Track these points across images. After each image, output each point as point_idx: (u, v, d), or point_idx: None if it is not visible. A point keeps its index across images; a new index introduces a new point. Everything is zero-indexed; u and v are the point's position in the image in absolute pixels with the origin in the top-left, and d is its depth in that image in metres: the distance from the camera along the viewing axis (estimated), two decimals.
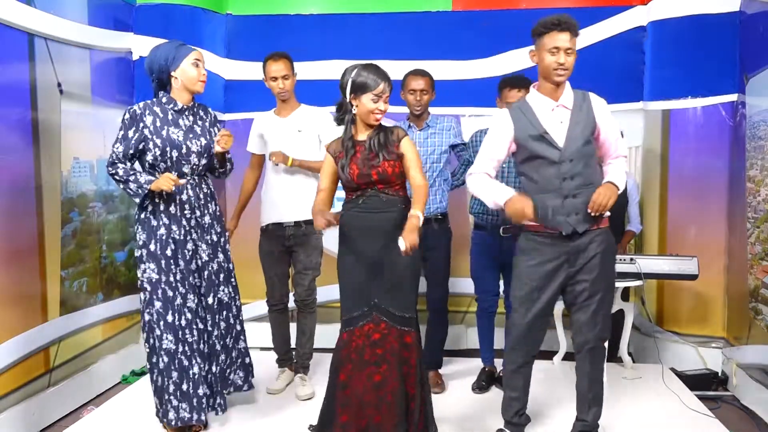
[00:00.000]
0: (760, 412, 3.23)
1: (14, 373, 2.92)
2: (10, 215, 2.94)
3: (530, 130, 2.51)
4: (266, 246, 3.39)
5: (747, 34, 3.62)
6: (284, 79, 3.26)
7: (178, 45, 2.80)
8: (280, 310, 3.47)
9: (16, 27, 2.96)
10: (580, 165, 2.48)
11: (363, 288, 2.62)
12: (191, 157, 2.79)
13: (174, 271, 2.76)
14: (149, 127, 2.74)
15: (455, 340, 4.39)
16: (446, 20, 4.30)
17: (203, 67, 2.81)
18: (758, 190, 3.36)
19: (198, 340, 2.80)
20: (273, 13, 4.40)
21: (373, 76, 2.54)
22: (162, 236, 2.75)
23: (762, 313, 3.29)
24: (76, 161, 3.46)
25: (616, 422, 3.01)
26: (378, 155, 2.58)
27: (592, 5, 4.21)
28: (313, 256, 3.36)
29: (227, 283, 2.96)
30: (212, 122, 2.94)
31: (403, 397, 2.58)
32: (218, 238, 2.93)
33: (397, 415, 2.56)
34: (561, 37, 2.40)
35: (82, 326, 3.46)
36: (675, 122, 3.96)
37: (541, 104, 2.53)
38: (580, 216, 2.49)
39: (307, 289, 3.38)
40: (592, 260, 2.52)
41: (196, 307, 2.82)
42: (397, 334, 2.59)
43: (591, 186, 2.49)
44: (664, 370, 3.62)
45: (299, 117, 3.34)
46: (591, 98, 2.55)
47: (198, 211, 2.84)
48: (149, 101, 2.81)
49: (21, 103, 3.04)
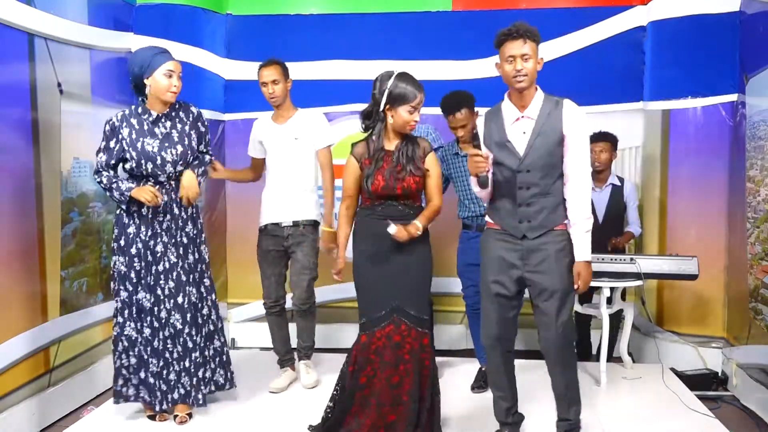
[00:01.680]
0: (760, 412, 3.23)
1: (14, 373, 2.92)
2: (10, 215, 2.94)
3: (495, 137, 2.56)
4: (264, 246, 3.40)
5: (747, 34, 3.62)
6: (274, 84, 3.27)
7: (155, 53, 2.83)
8: (278, 312, 3.46)
9: (16, 27, 2.96)
10: (537, 176, 2.50)
11: (382, 291, 2.65)
12: (166, 167, 2.86)
13: (137, 269, 2.87)
14: (126, 139, 2.85)
15: (455, 341, 4.40)
16: (446, 20, 4.30)
17: (177, 77, 2.83)
18: (758, 190, 3.36)
19: (152, 336, 2.89)
20: (273, 13, 4.40)
21: (411, 88, 2.58)
22: (130, 234, 2.87)
23: (762, 313, 3.29)
24: (76, 161, 3.46)
25: (616, 422, 3.02)
26: (404, 169, 2.63)
27: (592, 5, 4.21)
28: (310, 257, 3.36)
29: (197, 283, 3.00)
30: (194, 123, 2.97)
31: (417, 398, 2.63)
32: (190, 239, 2.97)
33: (410, 416, 2.60)
34: (514, 45, 2.43)
35: (82, 326, 3.46)
36: (675, 122, 3.96)
37: (509, 112, 2.55)
38: (532, 223, 2.53)
39: (306, 291, 3.36)
40: (544, 262, 2.53)
41: (152, 307, 2.88)
42: (417, 336, 2.64)
43: (548, 196, 2.52)
44: (664, 370, 3.62)
45: (296, 124, 3.36)
46: (564, 106, 2.51)
47: (170, 214, 2.90)
48: (127, 111, 2.90)
49: (21, 103, 3.04)
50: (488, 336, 2.66)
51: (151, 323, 2.89)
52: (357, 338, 2.72)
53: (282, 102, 3.34)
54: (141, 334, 2.90)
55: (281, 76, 3.29)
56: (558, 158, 2.51)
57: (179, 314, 2.90)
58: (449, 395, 3.26)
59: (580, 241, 2.54)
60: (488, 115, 2.61)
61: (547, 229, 2.54)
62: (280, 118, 3.38)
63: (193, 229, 2.99)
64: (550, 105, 2.51)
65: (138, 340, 2.91)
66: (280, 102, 3.33)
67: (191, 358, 2.94)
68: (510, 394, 2.72)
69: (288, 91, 3.36)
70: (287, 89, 3.34)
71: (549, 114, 2.49)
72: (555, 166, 2.52)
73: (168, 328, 2.90)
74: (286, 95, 3.35)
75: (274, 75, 3.27)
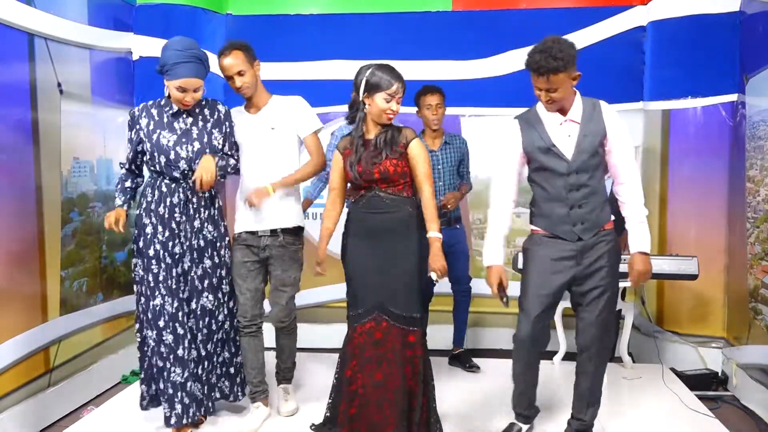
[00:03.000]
0: (760, 412, 3.23)
1: (14, 373, 2.92)
2: (10, 215, 2.93)
3: (538, 142, 2.55)
4: (238, 257, 2.92)
5: (747, 34, 3.62)
6: (239, 75, 2.81)
7: (176, 61, 2.61)
8: (253, 333, 2.95)
9: (16, 27, 2.96)
10: (586, 176, 2.53)
11: (367, 287, 2.64)
12: (180, 163, 2.73)
13: (155, 272, 2.74)
14: (143, 129, 2.75)
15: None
16: (446, 20, 4.30)
17: (191, 94, 2.67)
18: (758, 190, 3.36)
19: (176, 344, 2.75)
20: (273, 13, 4.40)
21: (387, 77, 2.58)
22: (148, 235, 2.75)
23: (762, 313, 3.29)
24: (76, 161, 3.46)
25: (616, 422, 3.02)
26: (381, 153, 2.60)
27: (592, 5, 4.21)
28: (291, 271, 2.95)
29: (213, 290, 2.86)
30: (219, 121, 2.83)
31: (404, 395, 2.60)
32: (208, 243, 2.83)
33: (398, 414, 2.57)
34: (539, 81, 2.43)
35: (82, 326, 3.46)
36: (675, 122, 3.96)
37: (550, 117, 2.55)
38: (586, 225, 2.54)
39: (284, 309, 2.97)
40: (599, 260, 2.55)
41: (176, 312, 2.75)
42: (399, 333, 2.61)
43: (596, 195, 2.55)
44: (664, 370, 3.62)
45: (271, 112, 2.92)
46: (602, 107, 2.55)
47: (186, 215, 2.77)
48: (151, 102, 2.81)
49: (21, 103, 3.03)
50: (527, 336, 2.61)
51: (174, 329, 2.74)
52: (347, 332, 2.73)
53: (254, 91, 2.88)
54: (161, 343, 2.74)
55: (246, 63, 2.80)
56: (600, 157, 2.55)
57: (193, 320, 2.82)
58: (449, 395, 3.27)
59: (639, 232, 2.56)
60: (524, 122, 2.60)
61: (599, 228, 2.56)
62: (253, 107, 2.93)
63: (213, 231, 2.84)
64: (589, 107, 2.54)
65: (156, 348, 2.76)
66: (252, 92, 2.88)
67: (204, 366, 2.87)
68: (531, 388, 2.77)
69: (258, 77, 2.89)
70: (256, 75, 2.87)
71: (590, 116, 2.52)
72: (598, 166, 2.56)
73: (188, 333, 2.79)
74: (257, 82, 2.88)
75: (238, 65, 2.79)
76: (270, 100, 2.94)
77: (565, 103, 2.50)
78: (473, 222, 4.40)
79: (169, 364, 2.75)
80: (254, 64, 2.85)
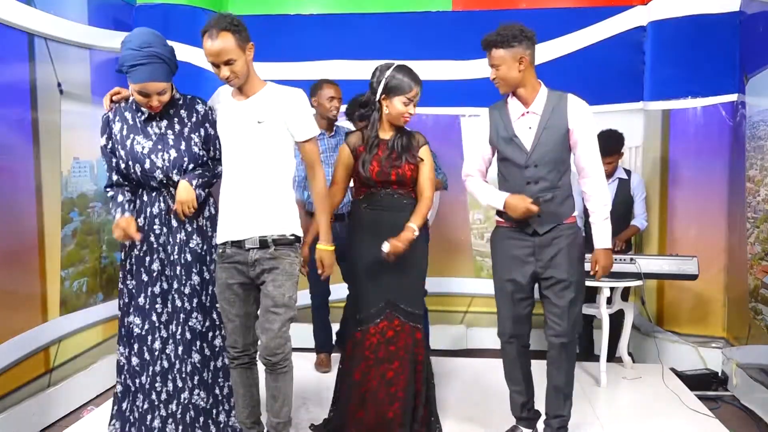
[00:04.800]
0: (760, 412, 3.23)
1: (14, 373, 2.92)
2: (10, 215, 2.93)
3: (502, 133, 2.58)
4: (223, 278, 2.40)
5: (747, 34, 3.62)
6: (227, 65, 2.27)
7: (132, 64, 2.27)
8: (245, 365, 2.46)
9: (16, 27, 2.96)
10: (545, 170, 2.53)
11: (376, 284, 2.64)
12: (156, 173, 2.39)
13: (130, 287, 2.48)
14: (116, 135, 2.44)
15: (456, 340, 4.40)
16: (446, 20, 4.31)
17: (155, 97, 2.32)
18: (758, 190, 3.36)
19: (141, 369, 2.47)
20: (273, 13, 4.40)
21: (407, 80, 2.58)
22: (126, 247, 2.49)
23: (762, 313, 3.29)
24: (76, 161, 3.46)
25: (616, 422, 3.02)
26: (400, 157, 2.61)
27: (592, 5, 4.21)
28: (284, 288, 2.35)
29: (205, 309, 2.48)
30: (198, 123, 2.45)
31: (412, 393, 2.64)
32: (196, 257, 2.45)
33: (406, 412, 2.61)
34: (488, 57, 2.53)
35: (82, 326, 3.46)
36: (675, 122, 3.96)
37: (514, 108, 2.58)
38: (541, 218, 2.54)
39: (277, 338, 2.33)
40: (557, 256, 2.55)
41: (144, 335, 2.45)
42: (410, 331, 2.64)
43: (556, 189, 2.54)
44: (664, 370, 3.62)
45: (261, 102, 2.39)
46: (568, 100, 2.55)
47: (168, 227, 2.43)
48: (124, 103, 2.49)
49: (21, 103, 3.03)
50: (503, 333, 2.67)
51: (140, 353, 2.46)
52: (351, 334, 2.70)
53: (245, 80, 2.36)
54: (129, 363, 2.48)
55: (237, 49, 2.26)
56: (564, 152, 2.56)
57: (172, 345, 2.45)
58: (449, 395, 3.27)
59: (600, 228, 2.59)
60: (493, 110, 2.63)
61: (557, 222, 2.56)
62: (242, 94, 2.41)
63: (202, 243, 2.47)
64: (554, 100, 2.54)
65: (125, 367, 2.50)
66: (243, 81, 2.35)
67: (179, 400, 2.45)
68: (525, 389, 2.73)
69: (251, 62, 2.36)
70: (249, 61, 2.33)
71: (553, 109, 2.52)
72: (562, 160, 2.56)
73: (160, 362, 2.45)
74: (249, 68, 2.35)
75: (227, 52, 2.25)
76: (263, 88, 2.41)
77: (529, 93, 2.53)
78: (473, 222, 4.40)
79: (134, 389, 2.51)
80: (246, 48, 2.31)
